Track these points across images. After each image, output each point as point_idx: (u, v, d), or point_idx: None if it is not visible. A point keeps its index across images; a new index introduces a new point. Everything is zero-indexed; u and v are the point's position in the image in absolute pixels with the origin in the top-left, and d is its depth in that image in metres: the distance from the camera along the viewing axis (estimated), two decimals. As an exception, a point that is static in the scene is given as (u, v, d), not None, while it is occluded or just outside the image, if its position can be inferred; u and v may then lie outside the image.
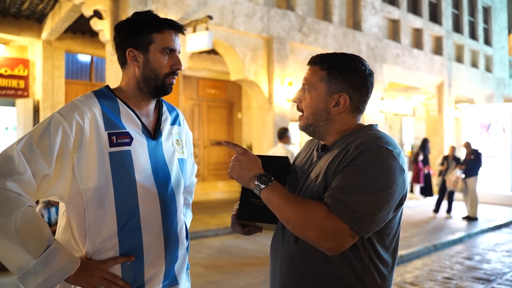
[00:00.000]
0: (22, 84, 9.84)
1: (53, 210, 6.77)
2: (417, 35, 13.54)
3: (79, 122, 1.44)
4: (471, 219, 9.50)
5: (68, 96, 9.95)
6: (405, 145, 18.12)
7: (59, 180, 1.43)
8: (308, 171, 1.45)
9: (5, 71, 9.61)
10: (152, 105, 1.65)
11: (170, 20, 1.57)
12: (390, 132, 17.30)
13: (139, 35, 1.53)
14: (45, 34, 9.28)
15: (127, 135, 1.51)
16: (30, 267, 1.32)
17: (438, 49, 14.33)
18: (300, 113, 1.48)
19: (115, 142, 1.48)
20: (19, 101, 9.86)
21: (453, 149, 10.36)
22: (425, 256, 6.68)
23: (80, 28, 9.44)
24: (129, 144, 1.50)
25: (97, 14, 7.35)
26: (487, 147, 12.87)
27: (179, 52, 1.60)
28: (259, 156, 1.54)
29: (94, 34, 9.28)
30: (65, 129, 1.42)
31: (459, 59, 15.54)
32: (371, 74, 1.43)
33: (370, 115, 11.17)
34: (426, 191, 11.94)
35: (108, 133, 1.48)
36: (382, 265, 1.35)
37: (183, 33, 1.62)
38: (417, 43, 13.49)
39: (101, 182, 1.45)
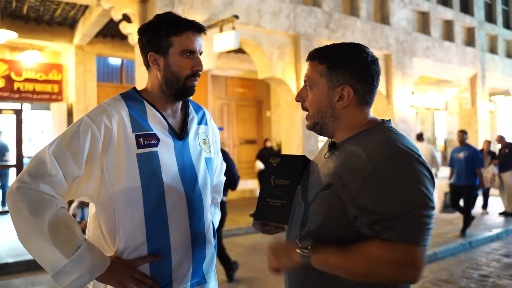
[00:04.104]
0: (56, 88, 10.14)
1: (87, 210, 6.96)
2: (448, 27, 13.20)
3: (107, 125, 1.48)
4: (508, 214, 9.22)
5: (100, 99, 10.19)
6: (438, 139, 17.73)
7: (89, 181, 1.47)
8: (318, 171, 1.37)
9: (40, 76, 9.93)
10: (178, 106, 1.67)
11: (189, 21, 1.57)
12: (422, 127, 16.97)
13: (158, 39, 1.55)
14: (76, 39, 9.53)
15: (154, 136, 1.54)
16: (62, 266, 1.37)
17: (470, 41, 13.93)
18: (307, 113, 1.40)
19: (142, 143, 1.51)
20: (53, 105, 10.17)
21: (488, 143, 10.06)
22: (460, 253, 6.52)
23: (110, 32, 9.65)
24: (156, 145, 1.53)
25: (126, 18, 7.50)
26: (524, 140, 12.43)
27: (200, 53, 1.60)
28: (276, 155, 1.53)
29: (123, 38, 9.46)
30: (94, 132, 1.46)
31: (493, 50, 15.05)
32: (374, 61, 1.32)
33: (401, 110, 10.97)
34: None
35: (135, 135, 1.51)
36: None
37: (204, 33, 1.61)
38: (448, 35, 13.15)
39: (129, 183, 1.49)
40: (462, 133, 7.92)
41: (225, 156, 4.88)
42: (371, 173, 1.18)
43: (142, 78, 7.55)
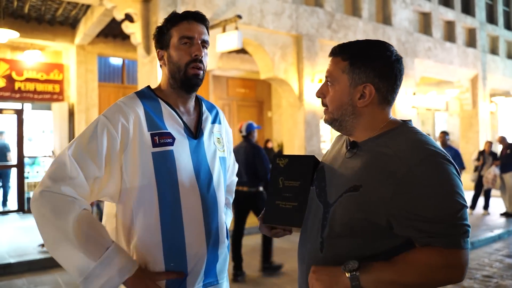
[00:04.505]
0: (57, 88, 10.12)
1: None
2: (449, 27, 13.21)
3: (124, 124, 1.47)
4: (509, 215, 9.21)
5: (101, 99, 10.18)
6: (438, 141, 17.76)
7: (110, 182, 1.47)
8: (338, 171, 1.33)
9: (41, 76, 9.90)
10: (191, 103, 1.67)
11: (186, 12, 1.60)
12: (422, 128, 16.97)
13: (162, 35, 1.61)
14: (78, 39, 9.51)
15: (169, 135, 1.53)
16: (91, 270, 1.34)
17: (471, 42, 13.94)
18: (325, 108, 1.37)
19: (157, 142, 1.50)
20: (54, 105, 10.15)
21: (490, 144, 10.06)
22: (463, 253, 6.51)
23: (112, 31, 9.63)
24: (172, 144, 1.52)
25: (128, 18, 7.48)
26: (525, 141, 12.42)
27: (202, 41, 1.59)
28: (283, 156, 1.50)
29: (125, 37, 9.44)
30: (111, 132, 1.45)
31: (494, 51, 15.07)
32: (398, 60, 1.29)
33: (402, 110, 10.96)
34: None
35: (151, 134, 1.50)
36: None
37: (203, 22, 1.61)
38: (450, 36, 13.16)
39: (145, 182, 1.48)
40: (444, 135, 7.88)
41: (258, 150, 5.36)
42: (405, 175, 1.15)
43: (144, 78, 7.54)
